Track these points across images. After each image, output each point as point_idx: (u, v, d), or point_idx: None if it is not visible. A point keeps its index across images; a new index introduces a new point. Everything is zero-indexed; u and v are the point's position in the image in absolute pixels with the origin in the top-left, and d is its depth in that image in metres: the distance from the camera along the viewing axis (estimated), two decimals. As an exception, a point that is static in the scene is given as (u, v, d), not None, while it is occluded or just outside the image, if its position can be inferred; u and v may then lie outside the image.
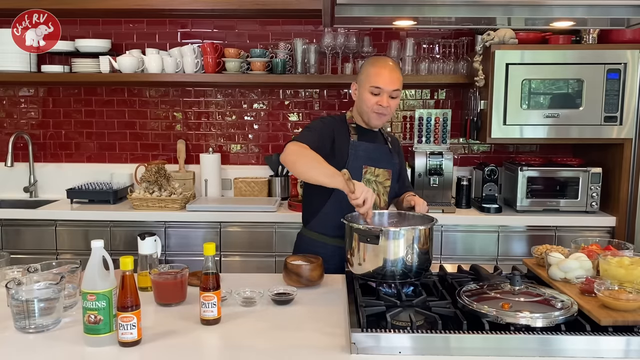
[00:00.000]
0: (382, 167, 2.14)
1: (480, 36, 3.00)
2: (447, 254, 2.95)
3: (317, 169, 1.87)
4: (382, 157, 2.15)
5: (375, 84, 2.01)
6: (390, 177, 2.17)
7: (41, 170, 3.55)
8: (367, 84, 2.04)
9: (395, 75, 2.03)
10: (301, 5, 3.05)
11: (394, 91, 2.03)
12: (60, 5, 3.07)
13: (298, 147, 1.93)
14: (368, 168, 2.10)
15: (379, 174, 2.13)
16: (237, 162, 3.58)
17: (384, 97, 2.02)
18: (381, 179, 2.14)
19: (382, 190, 2.14)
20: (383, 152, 2.17)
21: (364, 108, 2.07)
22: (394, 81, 2.02)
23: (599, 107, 2.88)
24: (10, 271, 1.75)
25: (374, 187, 2.11)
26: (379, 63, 2.06)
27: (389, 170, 2.16)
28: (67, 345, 1.38)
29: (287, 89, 3.52)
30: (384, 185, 2.15)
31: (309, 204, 2.19)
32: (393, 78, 2.02)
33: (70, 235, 3.00)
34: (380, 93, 2.02)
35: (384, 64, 2.05)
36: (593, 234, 2.95)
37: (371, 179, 2.11)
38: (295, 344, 1.40)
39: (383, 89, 2.01)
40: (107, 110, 3.54)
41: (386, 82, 2.01)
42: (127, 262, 1.37)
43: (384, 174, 2.15)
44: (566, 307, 1.41)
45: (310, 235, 2.16)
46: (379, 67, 2.03)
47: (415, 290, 1.67)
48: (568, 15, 1.65)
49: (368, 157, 2.11)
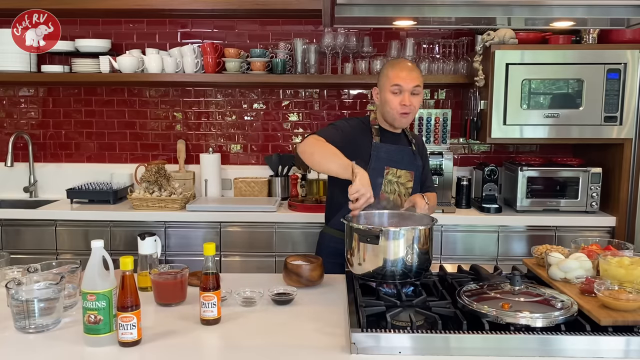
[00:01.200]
0: (404, 169, 2.15)
1: (480, 36, 3.00)
2: (447, 254, 2.95)
3: (332, 161, 1.90)
4: (404, 159, 2.17)
5: (396, 82, 2.05)
6: (413, 178, 2.17)
7: (41, 170, 3.55)
8: (387, 84, 2.07)
9: (414, 73, 2.07)
10: (301, 5, 3.05)
11: (415, 87, 2.05)
12: (60, 5, 3.07)
13: (316, 139, 1.98)
14: (390, 169, 2.12)
15: (400, 175, 2.14)
16: (237, 162, 3.58)
17: (406, 96, 2.05)
18: (403, 180, 2.15)
19: (403, 191, 2.14)
20: (405, 154, 2.18)
21: (388, 109, 2.09)
22: (413, 78, 2.05)
23: (599, 107, 2.88)
24: (10, 271, 1.75)
25: (396, 187, 2.13)
26: (398, 64, 2.11)
27: (411, 172, 2.17)
28: (67, 345, 1.38)
29: (287, 89, 3.52)
30: (406, 187, 2.16)
31: (331, 201, 2.23)
32: (413, 76, 2.06)
33: (70, 235, 3.00)
34: (401, 91, 2.05)
35: (403, 64, 2.10)
36: (593, 234, 2.95)
37: (393, 180, 2.12)
38: (295, 344, 1.40)
39: (403, 86, 2.04)
40: (107, 110, 3.54)
41: (406, 80, 2.04)
42: (127, 262, 1.37)
43: (405, 175, 2.15)
44: (566, 307, 1.41)
45: (331, 233, 2.19)
46: (398, 68, 2.08)
47: (415, 290, 1.66)
48: (568, 15, 1.65)
49: (390, 159, 2.12)
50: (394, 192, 2.13)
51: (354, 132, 2.12)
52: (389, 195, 2.12)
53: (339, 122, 2.18)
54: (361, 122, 2.19)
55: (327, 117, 3.51)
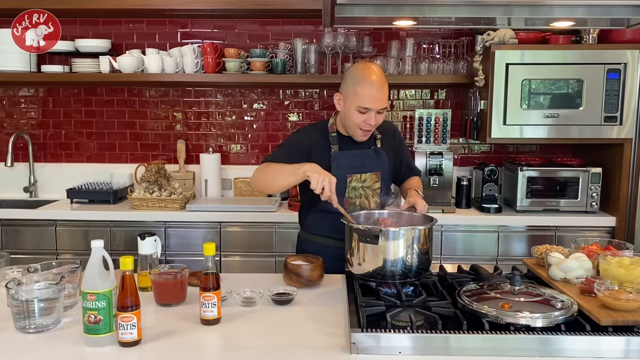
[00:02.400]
0: (368, 172, 2.10)
1: (480, 36, 3.00)
2: (447, 254, 2.95)
3: (280, 175, 1.90)
4: (366, 162, 2.10)
5: (363, 105, 1.94)
6: (379, 178, 2.13)
7: (41, 170, 3.55)
8: (354, 102, 1.96)
9: (383, 92, 1.96)
10: (301, 5, 3.05)
11: (381, 109, 1.98)
12: (60, 5, 3.07)
13: (261, 168, 1.99)
14: (353, 176, 2.07)
15: (365, 178, 2.10)
16: (237, 162, 3.58)
17: (372, 115, 1.96)
18: (369, 183, 2.11)
19: (370, 193, 2.11)
20: (367, 157, 2.11)
21: (351, 125, 2.02)
22: (383, 99, 1.96)
23: (599, 107, 2.88)
24: (10, 271, 1.75)
25: (362, 192, 2.09)
26: (366, 81, 1.94)
27: (376, 173, 2.12)
28: (67, 345, 1.38)
29: (287, 89, 3.51)
30: (372, 189, 2.12)
31: (302, 204, 2.23)
32: (382, 96, 1.95)
33: (70, 235, 3.00)
34: (367, 112, 1.96)
35: (371, 82, 1.93)
36: (593, 234, 2.95)
37: (357, 186, 2.08)
38: (295, 344, 1.40)
39: (371, 109, 1.95)
40: (107, 110, 3.54)
41: (375, 102, 1.94)
42: (127, 262, 1.37)
43: (371, 177, 2.11)
44: (566, 307, 1.41)
45: (306, 236, 2.20)
46: (367, 86, 1.93)
47: (415, 290, 1.67)
48: (568, 15, 1.65)
49: (351, 166, 2.07)
50: (359, 197, 2.09)
51: (309, 144, 2.06)
52: (354, 200, 2.08)
53: (290, 138, 2.14)
54: (317, 130, 2.12)
55: (326, 117, 3.49)
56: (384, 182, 2.16)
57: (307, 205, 2.18)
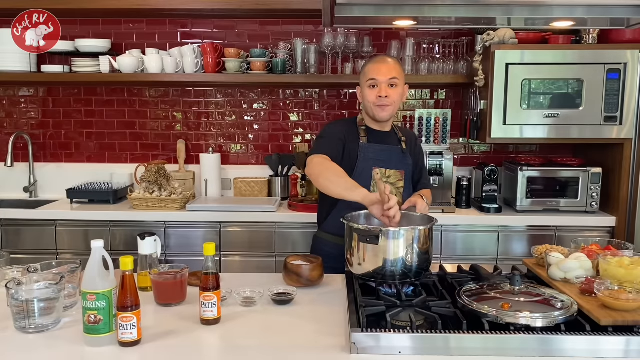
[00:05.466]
0: (393, 168, 2.15)
1: (480, 36, 3.00)
2: (447, 254, 2.95)
3: (337, 184, 1.89)
4: (392, 158, 2.16)
5: (371, 76, 2.08)
6: (403, 177, 2.17)
7: (41, 170, 3.55)
8: (364, 80, 2.12)
9: (390, 65, 2.09)
10: (301, 5, 3.05)
11: (391, 79, 2.06)
12: (60, 5, 3.07)
13: (320, 160, 1.98)
14: (379, 170, 2.12)
15: (390, 175, 2.14)
16: (237, 162, 3.58)
17: (382, 87, 2.07)
18: (393, 180, 2.15)
19: (394, 191, 2.14)
20: (394, 153, 2.18)
21: (367, 104, 2.12)
22: (390, 70, 2.07)
23: (599, 107, 2.88)
24: (10, 271, 1.75)
25: None
26: (375, 58, 2.15)
27: (401, 172, 2.17)
28: (67, 345, 1.38)
29: (287, 89, 3.51)
30: (397, 187, 2.15)
31: (322, 205, 2.23)
32: (389, 68, 2.08)
33: (70, 235, 3.00)
34: (377, 84, 2.07)
35: (379, 58, 2.13)
36: (593, 234, 2.95)
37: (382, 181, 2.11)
38: (296, 344, 1.40)
39: (378, 79, 2.07)
40: (107, 110, 3.54)
41: (381, 71, 2.07)
42: (127, 262, 1.37)
43: (395, 175, 2.15)
44: (566, 307, 1.41)
45: (324, 237, 2.20)
46: (375, 62, 2.11)
47: (415, 290, 1.67)
48: (568, 15, 1.65)
49: (378, 159, 2.12)
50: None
51: (343, 134, 2.13)
52: None
53: (325, 129, 2.18)
54: (348, 123, 2.20)
55: (327, 117, 3.51)
56: (407, 183, 2.19)
57: (326, 205, 2.19)
